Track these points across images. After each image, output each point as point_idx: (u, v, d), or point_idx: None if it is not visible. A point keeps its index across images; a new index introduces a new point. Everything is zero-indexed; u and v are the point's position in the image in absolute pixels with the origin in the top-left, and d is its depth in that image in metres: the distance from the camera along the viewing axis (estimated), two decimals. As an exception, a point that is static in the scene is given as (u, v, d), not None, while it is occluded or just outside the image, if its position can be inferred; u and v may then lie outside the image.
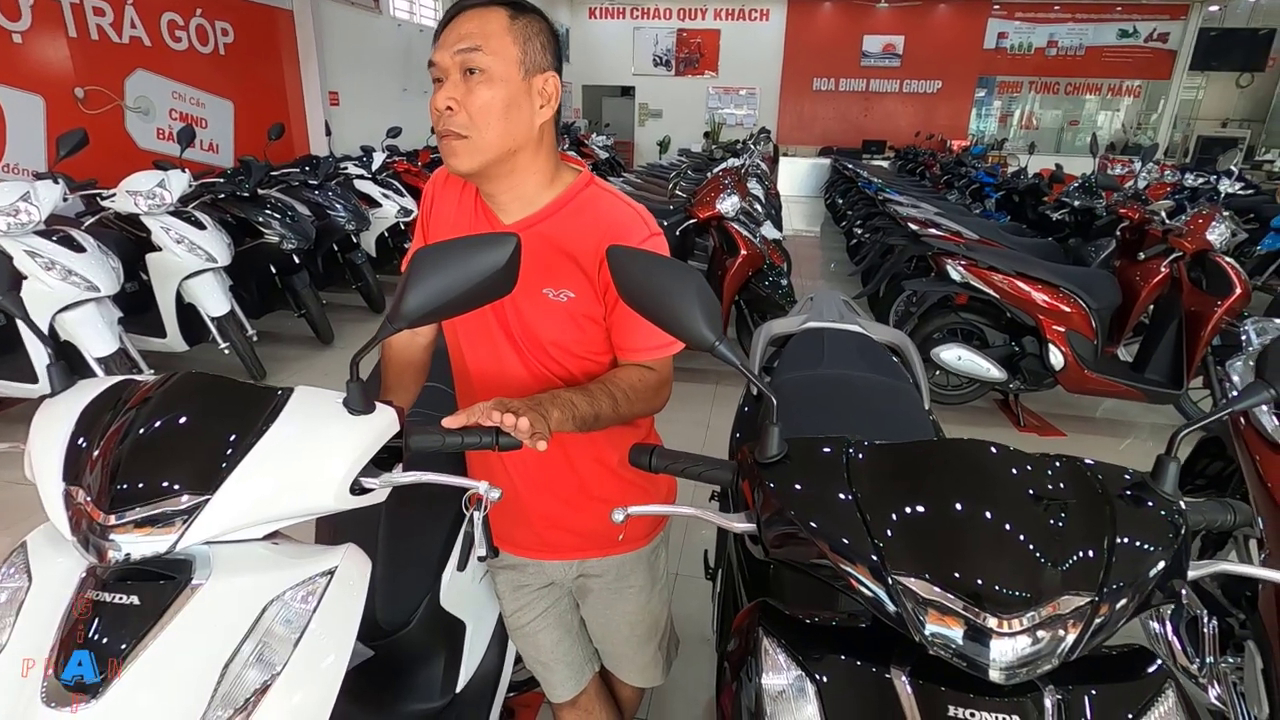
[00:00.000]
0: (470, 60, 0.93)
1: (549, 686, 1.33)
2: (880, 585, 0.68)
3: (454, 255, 0.78)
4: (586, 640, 1.35)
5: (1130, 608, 0.66)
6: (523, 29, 0.96)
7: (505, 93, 0.95)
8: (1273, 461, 1.51)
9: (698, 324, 0.75)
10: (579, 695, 1.33)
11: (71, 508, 0.77)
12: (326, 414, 0.84)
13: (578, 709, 1.35)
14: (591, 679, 1.35)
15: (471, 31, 0.94)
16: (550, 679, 1.32)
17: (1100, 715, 0.66)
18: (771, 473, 0.78)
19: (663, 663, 1.39)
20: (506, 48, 0.94)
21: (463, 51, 0.93)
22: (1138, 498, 0.72)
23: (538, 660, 1.32)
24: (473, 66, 0.94)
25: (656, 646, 1.36)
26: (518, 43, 0.95)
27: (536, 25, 0.98)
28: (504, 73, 0.94)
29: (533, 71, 0.97)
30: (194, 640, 0.73)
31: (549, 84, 0.99)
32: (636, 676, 1.38)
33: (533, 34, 0.97)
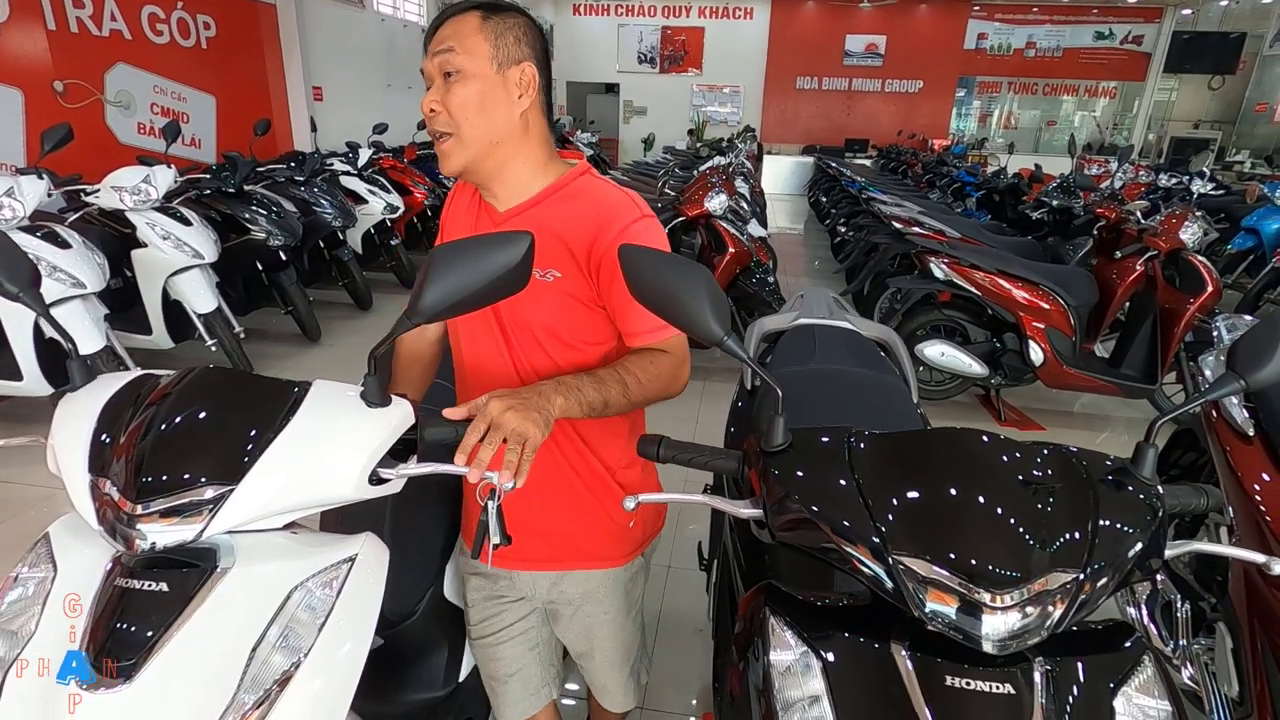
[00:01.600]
0: (447, 63, 0.98)
1: (499, 707, 1.27)
2: (881, 565, 0.72)
3: (469, 253, 0.81)
4: (550, 662, 1.30)
5: (1112, 585, 0.71)
6: (494, 26, 0.99)
7: (479, 88, 0.98)
8: (1242, 451, 1.58)
9: (707, 320, 0.79)
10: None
11: (98, 499, 0.79)
12: (345, 407, 0.86)
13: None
14: (547, 707, 1.29)
15: (446, 35, 0.98)
16: (502, 698, 1.26)
17: (1084, 684, 0.70)
18: (777, 461, 0.82)
19: (634, 687, 1.36)
20: (478, 45, 0.98)
21: (439, 54, 0.98)
22: (1119, 482, 0.77)
23: (493, 677, 1.26)
24: (449, 69, 0.98)
25: (629, 672, 1.32)
26: (489, 39, 0.98)
27: (510, 21, 1.01)
28: (476, 69, 0.98)
29: (506, 64, 0.99)
30: (221, 625, 0.76)
31: (524, 73, 1.01)
32: (609, 700, 1.35)
33: (505, 29, 0.99)
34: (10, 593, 0.81)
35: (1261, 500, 1.50)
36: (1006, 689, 0.68)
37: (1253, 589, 1.46)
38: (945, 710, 0.67)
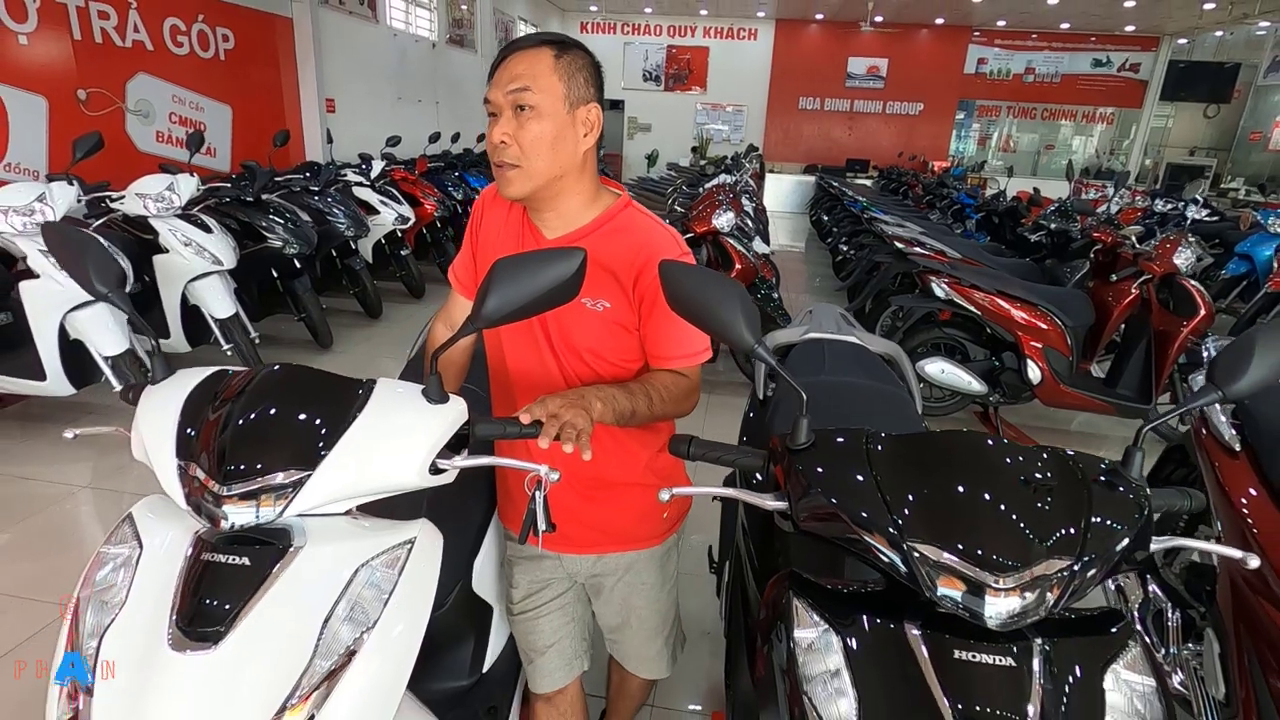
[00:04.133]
0: (520, 99, 1.04)
1: (535, 676, 1.36)
2: (897, 552, 0.80)
3: (528, 266, 0.90)
4: (583, 635, 1.39)
5: (1101, 573, 0.79)
6: (567, 65, 1.06)
7: (553, 126, 1.06)
8: (1229, 466, 1.67)
9: (740, 328, 0.87)
10: (559, 693, 1.36)
11: (186, 482, 0.86)
12: (407, 402, 0.94)
13: (554, 706, 1.37)
14: (575, 681, 1.38)
15: (521, 73, 1.05)
16: (539, 668, 1.35)
17: (1077, 660, 0.78)
18: (801, 458, 0.91)
19: (668, 656, 1.46)
20: (553, 85, 1.05)
21: (514, 91, 1.04)
22: (1110, 482, 0.85)
23: (532, 647, 1.35)
24: (523, 104, 1.04)
25: (664, 641, 1.43)
26: (562, 79, 1.06)
27: (580, 61, 1.09)
28: (551, 108, 1.05)
29: (576, 104, 1.08)
30: (296, 598, 0.83)
31: (591, 114, 1.10)
32: (644, 668, 1.45)
33: (576, 69, 1.07)
34: (101, 569, 0.88)
35: (1248, 512, 1.58)
36: (1008, 662, 0.76)
37: (1239, 596, 1.53)
38: (954, 680, 0.75)
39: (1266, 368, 0.81)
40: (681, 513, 1.38)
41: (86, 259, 0.98)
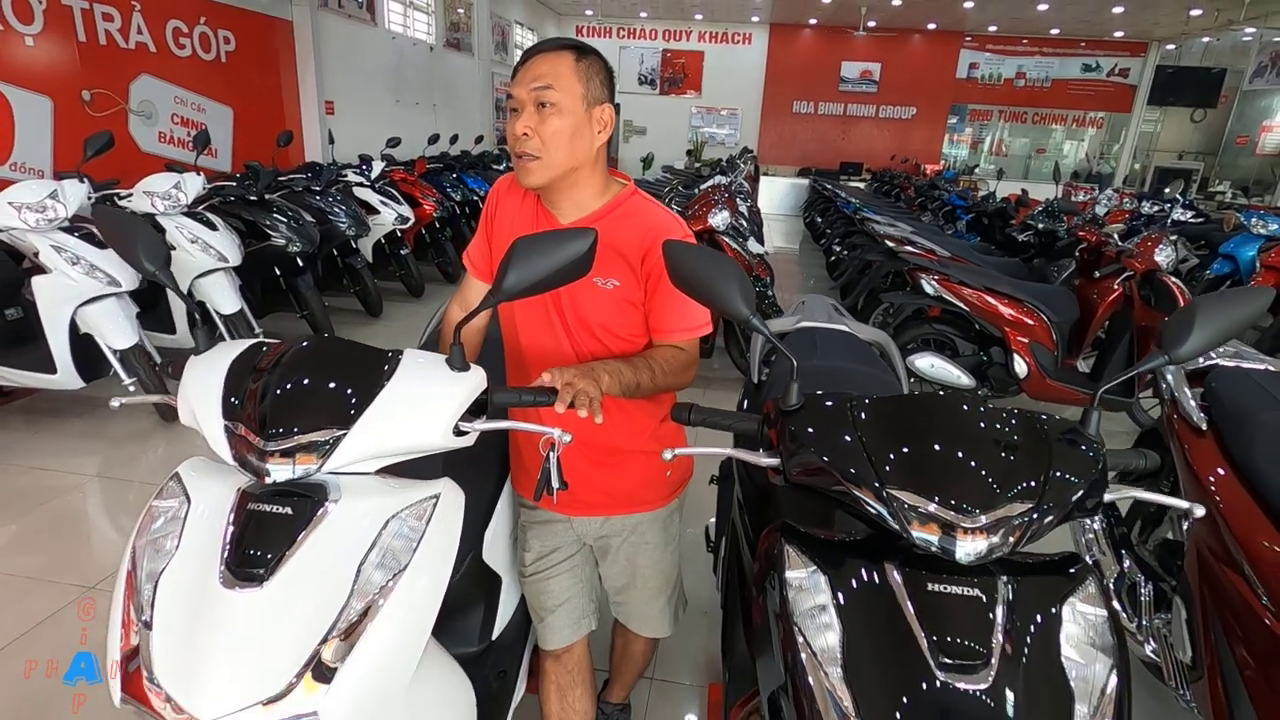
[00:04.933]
0: (543, 96, 1.14)
1: (545, 634, 1.44)
2: (879, 500, 0.89)
3: (545, 245, 0.98)
4: (591, 595, 1.48)
5: (1059, 517, 0.88)
6: (585, 68, 1.17)
7: (572, 122, 1.16)
8: (1195, 445, 1.76)
9: (737, 302, 0.96)
10: (567, 650, 1.45)
11: (233, 441, 0.95)
12: (432, 370, 1.03)
13: (562, 664, 1.46)
14: (582, 640, 1.47)
15: (544, 73, 1.15)
16: (549, 625, 1.43)
17: (1039, 594, 0.87)
18: (793, 419, 0.99)
19: (670, 615, 1.54)
20: (573, 85, 1.15)
21: (537, 89, 1.14)
22: (1070, 440, 0.95)
23: (543, 607, 1.44)
24: (545, 101, 1.14)
25: (666, 600, 1.52)
26: (581, 80, 1.16)
27: (597, 65, 1.19)
28: (570, 106, 1.15)
29: (593, 104, 1.18)
30: (333, 544, 0.92)
31: (605, 113, 1.20)
32: (646, 627, 1.54)
33: (593, 73, 1.18)
34: (154, 522, 0.96)
35: (1214, 487, 1.68)
36: (975, 593, 0.85)
37: (1205, 565, 1.63)
38: (928, 610, 0.84)
39: (1207, 333, 0.91)
40: (683, 479, 1.47)
41: (136, 240, 1.06)
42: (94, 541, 2.68)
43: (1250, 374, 1.86)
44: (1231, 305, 0.92)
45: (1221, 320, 0.91)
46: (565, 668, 1.47)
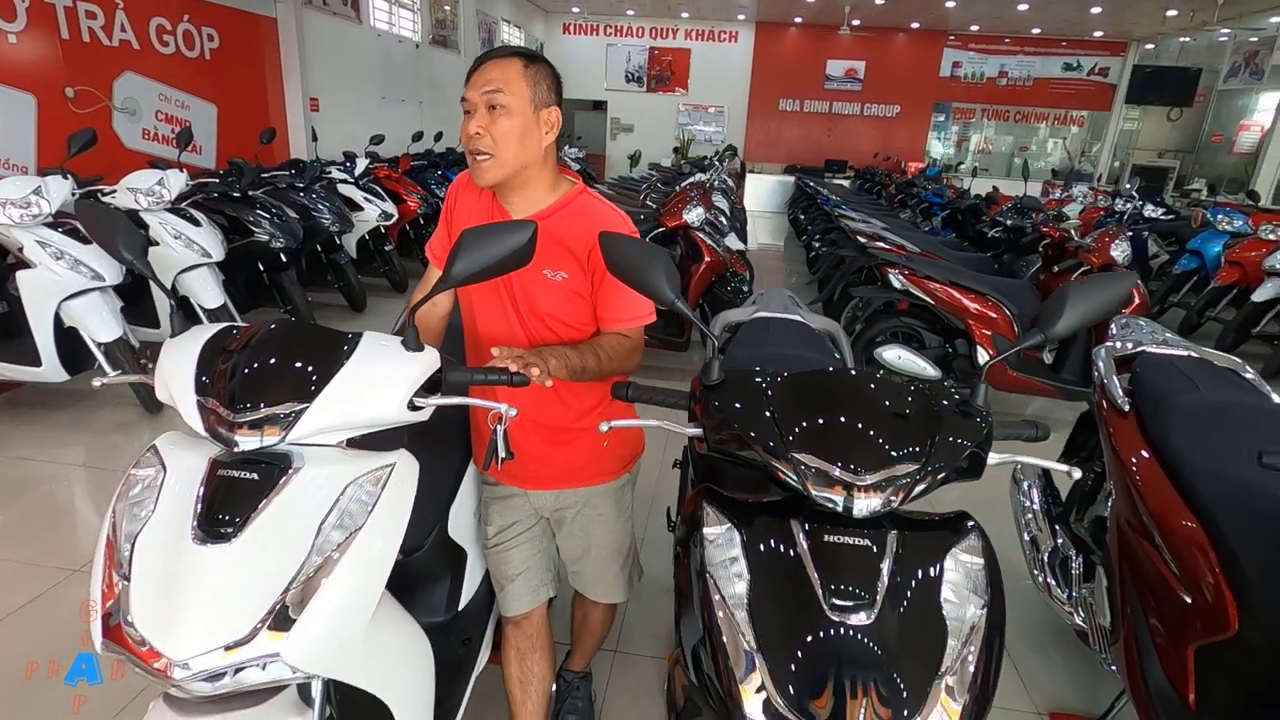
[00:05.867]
0: (493, 99, 1.25)
1: (506, 601, 1.55)
2: (785, 464, 0.99)
3: (490, 235, 1.08)
4: (548, 566, 1.58)
5: (945, 477, 0.99)
6: (533, 74, 1.27)
7: (520, 123, 1.26)
8: (1119, 426, 1.88)
9: (663, 287, 1.07)
10: (526, 617, 1.55)
11: (204, 414, 1.04)
12: (389, 350, 1.13)
13: (521, 630, 1.56)
14: (541, 607, 1.57)
15: (494, 77, 1.25)
16: (509, 593, 1.54)
17: (924, 544, 0.98)
18: (714, 393, 1.10)
19: (624, 583, 1.65)
20: (521, 89, 1.25)
21: (488, 92, 1.25)
22: (961, 410, 1.06)
23: (503, 575, 1.54)
24: (495, 103, 1.25)
25: (620, 567, 1.63)
26: (529, 85, 1.26)
27: (544, 71, 1.30)
28: (519, 108, 1.25)
29: (540, 106, 1.28)
30: (296, 506, 1.01)
31: (552, 115, 1.30)
32: (602, 593, 1.64)
33: (540, 78, 1.28)
34: (132, 488, 1.05)
35: (1135, 466, 1.80)
36: (866, 543, 0.95)
37: (1123, 537, 1.75)
38: (823, 558, 0.95)
39: (1077, 314, 1.02)
40: (633, 454, 1.58)
41: (115, 231, 1.15)
42: (79, 527, 2.75)
43: (1173, 360, 1.98)
44: (1099, 290, 1.03)
45: (1090, 303, 1.02)
46: (525, 633, 1.57)
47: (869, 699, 0.87)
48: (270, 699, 1.03)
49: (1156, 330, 2.15)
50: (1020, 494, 2.25)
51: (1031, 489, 2.24)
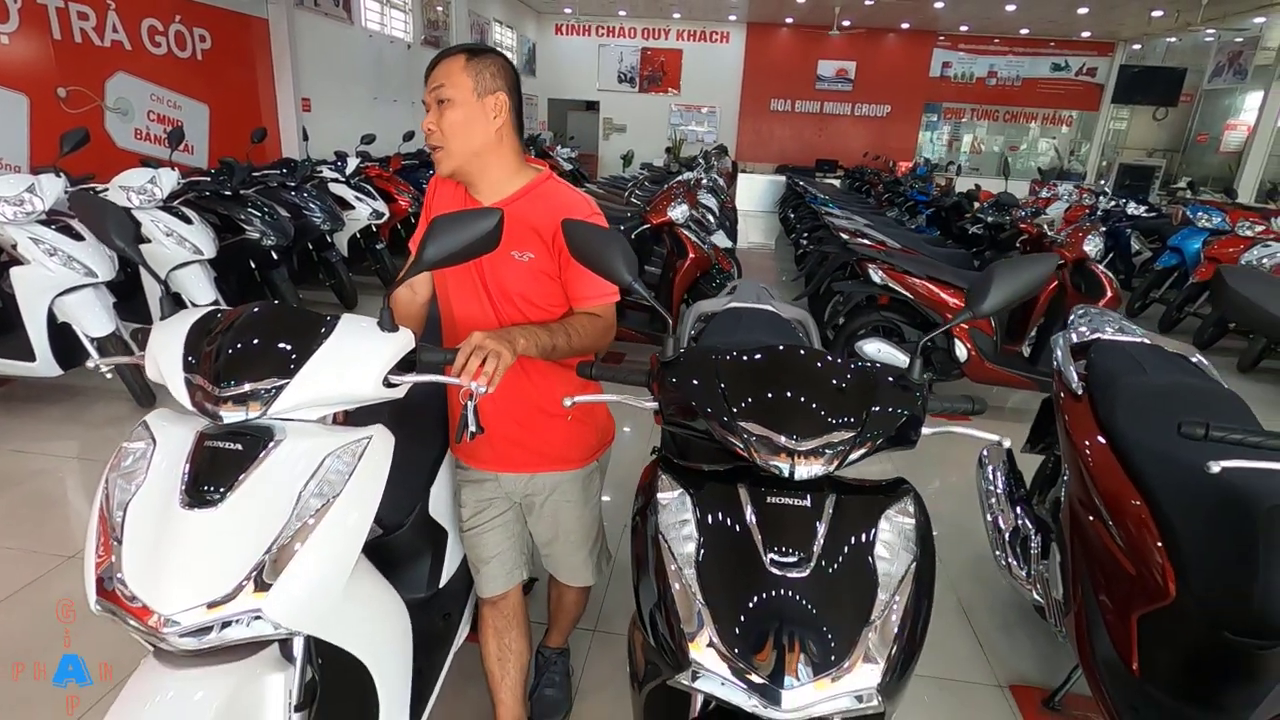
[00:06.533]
0: (439, 94, 1.34)
1: (482, 583, 1.61)
2: (730, 432, 1.07)
3: (459, 221, 1.16)
4: (521, 549, 1.64)
5: (879, 444, 1.06)
6: (475, 65, 1.35)
7: (464, 113, 1.34)
8: (1073, 410, 1.97)
9: (620, 269, 1.14)
10: (502, 598, 1.61)
11: (192, 390, 1.11)
12: (365, 331, 1.20)
13: (498, 610, 1.62)
14: (516, 588, 1.63)
15: (439, 75, 1.34)
16: (485, 575, 1.60)
17: (860, 506, 1.06)
18: (669, 370, 1.18)
19: (593, 566, 1.72)
20: (463, 81, 1.33)
21: (434, 90, 1.34)
22: (898, 384, 1.14)
23: (479, 559, 1.60)
24: (441, 98, 1.33)
25: (588, 552, 1.69)
26: (471, 75, 1.34)
27: (487, 60, 1.37)
28: (462, 99, 1.33)
29: (484, 94, 1.35)
30: (278, 474, 1.08)
31: (498, 100, 1.37)
32: (574, 577, 1.71)
33: (483, 68, 1.35)
34: (124, 460, 1.12)
35: (1088, 447, 1.88)
36: (805, 503, 1.03)
37: (1074, 515, 1.84)
38: (766, 518, 1.02)
39: (1003, 292, 1.10)
40: (603, 443, 1.65)
41: (106, 219, 1.22)
42: (73, 518, 2.81)
43: (1125, 346, 2.07)
44: (1022, 269, 1.11)
45: (1014, 281, 1.10)
46: (501, 613, 1.64)
47: (806, 650, 0.95)
48: (254, 654, 1.10)
49: (1113, 319, 2.24)
50: (984, 478, 2.33)
51: (995, 472, 2.32)
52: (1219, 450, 1.25)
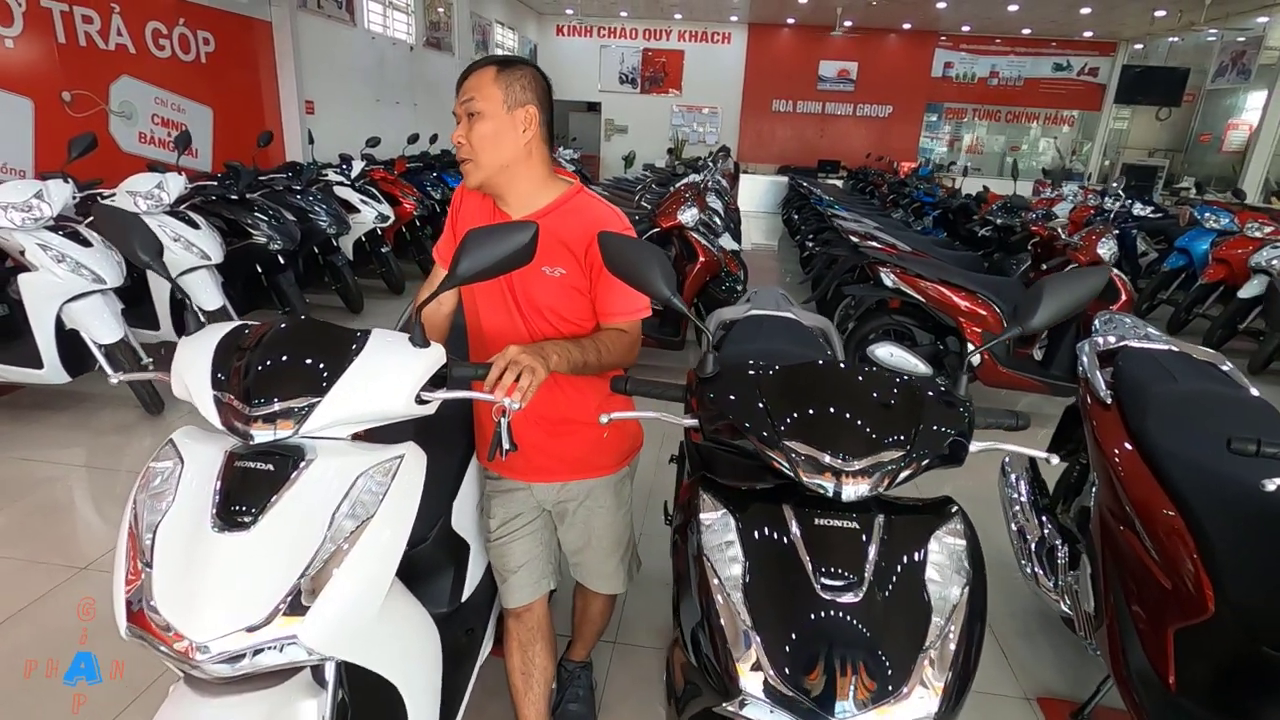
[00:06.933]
0: (469, 107, 1.32)
1: (508, 593, 1.57)
2: (776, 451, 1.05)
3: (494, 235, 1.13)
4: (550, 558, 1.61)
5: (928, 464, 1.04)
6: (506, 77, 1.32)
7: (494, 126, 1.32)
8: (1102, 418, 1.94)
9: (659, 284, 1.12)
10: (528, 609, 1.58)
11: (221, 408, 1.09)
12: (397, 347, 1.17)
13: (523, 622, 1.59)
14: (542, 599, 1.60)
15: (470, 87, 1.32)
16: (511, 585, 1.57)
17: (909, 527, 1.03)
18: (709, 386, 1.15)
19: (624, 574, 1.70)
20: (493, 93, 1.31)
21: (464, 102, 1.32)
22: (944, 400, 1.11)
23: (506, 568, 1.57)
24: (471, 111, 1.32)
25: (619, 559, 1.67)
26: (501, 88, 1.32)
27: (519, 73, 1.34)
28: (492, 111, 1.31)
29: (514, 106, 1.33)
30: (310, 496, 1.06)
31: (528, 113, 1.34)
32: (603, 584, 1.68)
33: (514, 79, 1.33)
34: (152, 480, 1.10)
35: (1117, 456, 1.86)
36: (854, 526, 1.01)
37: (1105, 525, 1.81)
38: (814, 540, 1.00)
39: (1053, 307, 1.07)
40: (633, 448, 1.63)
41: (131, 234, 1.19)
42: (82, 527, 2.79)
43: (1153, 353, 2.04)
44: (1074, 284, 1.09)
45: (1065, 296, 1.08)
46: (526, 625, 1.62)
47: (857, 675, 0.92)
48: (286, 681, 1.07)
49: (1138, 325, 2.21)
50: (1008, 485, 2.31)
51: (1019, 480, 2.30)
52: (1262, 462, 1.22)
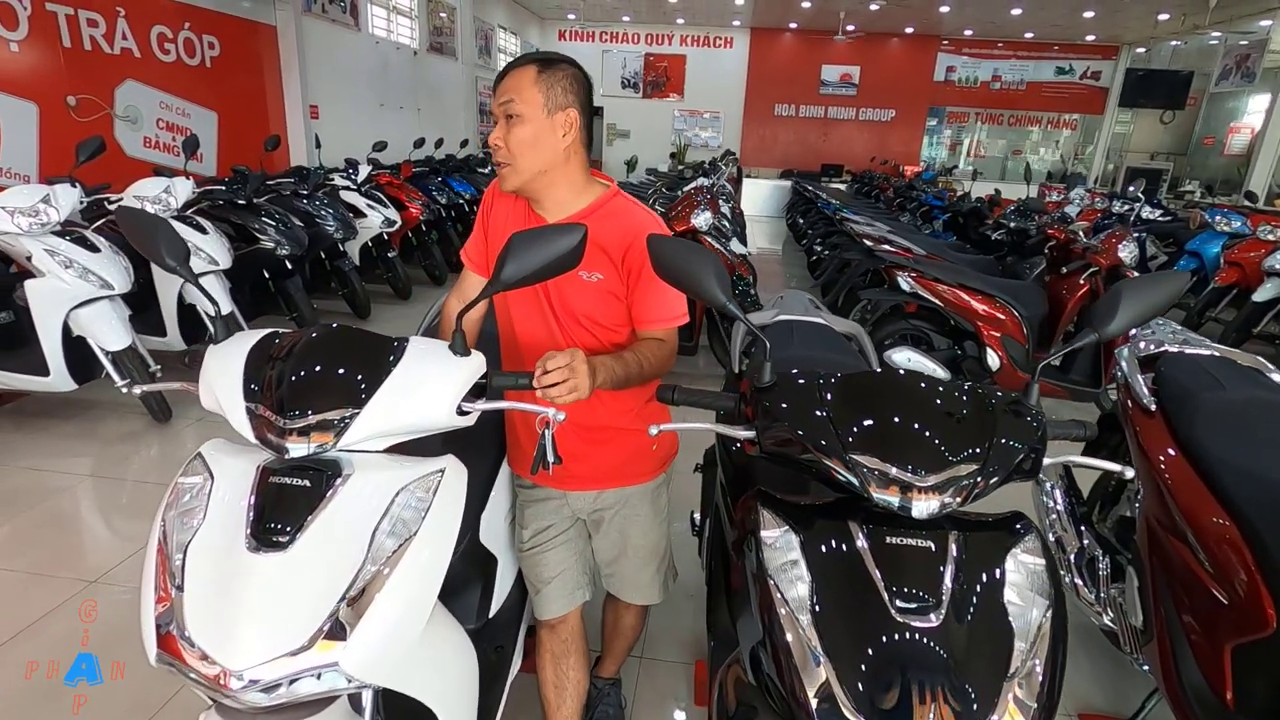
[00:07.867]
0: (508, 109, 1.26)
1: (541, 605, 1.52)
2: (844, 466, 0.99)
3: (539, 239, 1.08)
4: (584, 569, 1.56)
5: (1002, 478, 0.98)
6: (547, 78, 1.27)
7: (533, 129, 1.26)
8: (1146, 425, 1.89)
9: (714, 289, 1.06)
10: (561, 621, 1.53)
11: (254, 420, 1.03)
12: (437, 355, 1.12)
13: (556, 634, 1.55)
14: (576, 611, 1.55)
15: (509, 88, 1.26)
16: (545, 596, 1.52)
17: (985, 546, 0.98)
18: (766, 395, 1.09)
19: (660, 584, 1.64)
20: (533, 96, 1.25)
21: (503, 104, 1.27)
22: (1014, 410, 1.05)
23: (540, 579, 1.52)
24: (510, 113, 1.26)
25: (656, 569, 1.61)
26: (542, 90, 1.26)
27: (560, 73, 1.28)
28: (532, 114, 1.26)
29: (555, 110, 1.27)
30: (349, 513, 1.00)
31: (569, 117, 1.29)
32: (638, 595, 1.62)
33: (555, 81, 1.27)
34: (181, 497, 1.04)
35: (1163, 464, 1.80)
36: (928, 545, 0.95)
37: (1153, 536, 1.75)
38: (886, 560, 0.94)
39: (1132, 312, 1.02)
40: (669, 455, 1.58)
41: (158, 238, 1.14)
42: (90, 539, 2.72)
43: (1196, 358, 1.99)
44: (1153, 287, 1.03)
45: (1144, 300, 1.02)
46: (560, 637, 1.56)
47: (937, 703, 0.86)
48: (323, 709, 1.01)
49: (1177, 331, 2.16)
50: (1044, 494, 2.25)
51: (1055, 489, 2.24)
52: None
